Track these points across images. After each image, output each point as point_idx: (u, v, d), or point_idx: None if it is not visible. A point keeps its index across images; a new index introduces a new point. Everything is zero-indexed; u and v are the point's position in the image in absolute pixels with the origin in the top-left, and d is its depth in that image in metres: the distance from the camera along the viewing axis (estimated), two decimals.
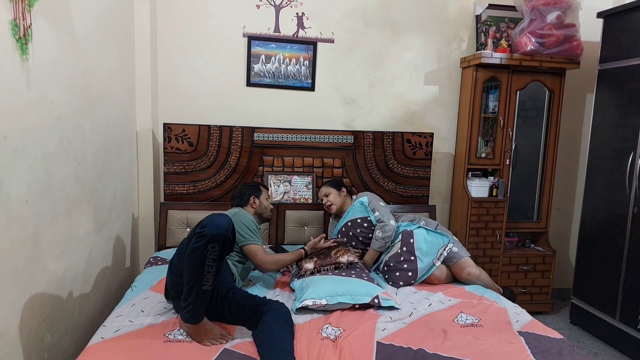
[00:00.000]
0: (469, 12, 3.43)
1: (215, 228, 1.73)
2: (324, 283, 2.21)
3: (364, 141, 3.26)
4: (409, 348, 1.78)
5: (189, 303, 1.74)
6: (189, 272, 1.74)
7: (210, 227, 1.73)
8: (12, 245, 1.59)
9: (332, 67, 3.33)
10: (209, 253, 1.72)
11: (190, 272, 1.74)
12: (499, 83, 3.26)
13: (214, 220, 1.77)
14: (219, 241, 1.73)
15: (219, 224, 1.75)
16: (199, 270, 1.72)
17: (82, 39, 2.13)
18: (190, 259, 1.74)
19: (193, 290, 1.73)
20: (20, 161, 1.62)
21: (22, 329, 1.67)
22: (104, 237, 2.50)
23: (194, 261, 1.73)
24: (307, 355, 1.71)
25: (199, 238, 1.73)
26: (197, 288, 1.72)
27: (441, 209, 3.56)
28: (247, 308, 1.90)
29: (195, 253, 1.72)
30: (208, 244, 1.71)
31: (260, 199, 2.52)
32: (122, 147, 2.76)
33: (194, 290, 1.73)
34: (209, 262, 1.72)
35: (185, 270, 1.76)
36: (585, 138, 3.56)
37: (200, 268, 1.72)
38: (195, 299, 1.73)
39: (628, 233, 2.84)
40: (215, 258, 1.74)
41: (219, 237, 1.73)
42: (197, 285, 1.72)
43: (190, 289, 1.74)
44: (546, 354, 1.77)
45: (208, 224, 1.74)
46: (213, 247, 1.72)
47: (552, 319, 3.39)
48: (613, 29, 2.97)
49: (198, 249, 1.71)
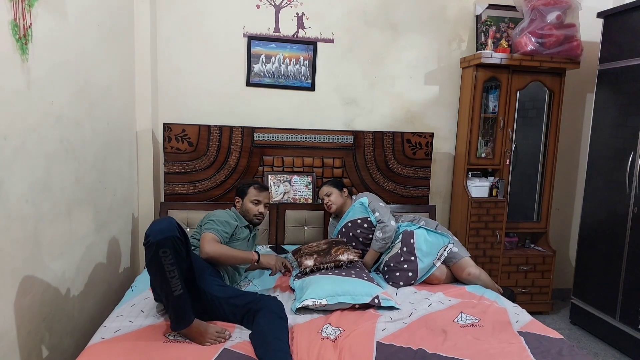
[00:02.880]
0: (469, 12, 3.43)
1: (159, 233, 1.70)
2: (324, 283, 2.22)
3: (364, 141, 3.26)
4: (409, 348, 1.78)
5: (170, 310, 1.75)
6: (156, 283, 1.75)
7: (153, 234, 1.70)
8: (12, 245, 1.59)
9: (332, 67, 3.33)
10: (163, 259, 1.68)
11: (157, 282, 1.75)
12: (499, 83, 3.26)
13: (155, 227, 1.73)
14: (167, 244, 1.69)
15: (161, 228, 1.72)
16: (163, 279, 1.70)
17: (82, 39, 2.14)
18: (150, 270, 1.75)
19: (168, 299, 1.73)
20: (20, 161, 1.62)
21: (22, 329, 1.67)
22: (104, 237, 2.50)
23: (154, 272, 1.73)
24: (307, 355, 1.71)
25: (147, 248, 1.70)
26: (170, 295, 1.72)
27: (441, 209, 3.56)
28: (239, 307, 1.91)
29: (152, 265, 1.71)
30: (158, 251, 1.68)
31: (243, 200, 2.46)
32: (122, 147, 2.76)
33: (169, 299, 1.73)
34: (167, 267, 1.69)
35: (152, 281, 1.77)
36: (585, 138, 3.56)
37: (163, 276, 1.70)
38: (173, 305, 1.73)
39: (628, 233, 2.84)
40: (172, 262, 1.70)
41: (165, 241, 1.69)
42: (169, 293, 1.71)
43: (165, 299, 1.74)
44: (546, 354, 1.77)
45: (150, 233, 1.71)
46: (164, 252, 1.68)
47: (552, 319, 3.39)
48: (613, 29, 2.97)
49: (152, 260, 1.70)
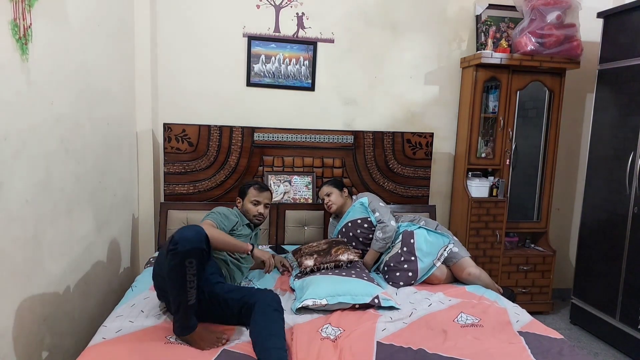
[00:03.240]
0: (469, 12, 3.43)
1: (188, 243, 1.66)
2: (324, 283, 2.21)
3: (364, 141, 3.26)
4: (409, 348, 1.78)
5: (179, 316, 1.73)
6: (172, 289, 1.71)
7: (183, 243, 1.66)
8: (12, 245, 1.59)
9: (332, 67, 3.32)
10: (188, 269, 1.66)
11: (172, 288, 1.71)
12: (499, 83, 3.26)
13: (185, 235, 1.69)
14: (195, 255, 1.68)
15: (191, 238, 1.68)
16: (181, 288, 1.68)
17: (82, 39, 2.14)
18: (170, 276, 1.69)
19: (180, 306, 1.71)
20: (20, 161, 1.62)
21: (22, 330, 1.67)
22: (104, 238, 2.50)
23: (174, 279, 1.68)
24: (307, 355, 1.70)
25: (173, 256, 1.66)
26: (183, 304, 1.70)
27: (441, 209, 3.56)
28: (236, 300, 1.87)
29: (174, 272, 1.67)
30: (184, 260, 1.65)
31: (244, 201, 2.47)
32: (122, 147, 2.76)
33: (181, 307, 1.71)
34: (189, 277, 1.67)
35: (168, 286, 1.73)
36: (585, 138, 3.56)
37: (182, 285, 1.67)
38: (183, 313, 1.72)
39: (628, 233, 2.84)
40: (195, 272, 1.68)
41: (193, 252, 1.67)
42: (182, 301, 1.69)
43: (177, 305, 1.72)
44: (546, 354, 1.77)
45: (180, 240, 1.67)
46: (190, 262, 1.66)
47: (552, 319, 3.39)
48: (613, 29, 2.97)
49: (175, 267, 1.66)
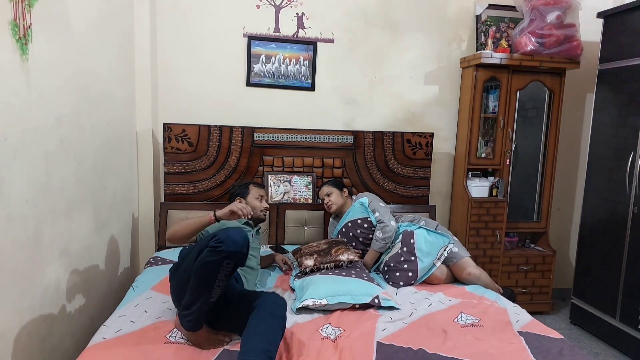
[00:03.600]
0: (469, 12, 3.43)
1: (233, 245, 1.65)
2: (324, 283, 2.22)
3: (364, 141, 3.26)
4: (409, 348, 1.78)
5: (193, 312, 1.70)
6: (198, 283, 1.68)
7: (228, 243, 1.65)
8: (13, 245, 1.59)
9: (332, 67, 3.32)
10: (223, 269, 1.66)
11: (199, 284, 1.68)
12: (499, 83, 3.26)
13: (232, 237, 1.67)
14: (235, 258, 1.67)
15: (237, 241, 1.67)
16: (209, 284, 1.67)
17: (82, 39, 2.13)
18: (202, 270, 1.67)
19: (198, 301, 1.69)
20: (20, 161, 1.62)
21: (22, 330, 1.67)
22: (104, 237, 2.50)
23: (205, 274, 1.67)
24: (307, 355, 1.71)
25: (214, 252, 1.64)
26: (204, 300, 1.68)
27: (441, 209, 3.56)
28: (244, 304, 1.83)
29: (208, 267, 1.66)
30: (223, 260, 1.64)
31: (247, 198, 2.46)
32: (122, 147, 2.76)
33: (199, 301, 1.69)
34: (221, 277, 1.67)
35: (193, 280, 1.69)
36: (585, 138, 3.56)
37: (211, 282, 1.67)
38: (199, 309, 1.70)
39: (628, 233, 2.84)
40: (228, 274, 1.69)
41: (235, 255, 1.66)
42: (205, 297, 1.68)
43: (195, 299, 1.69)
44: (546, 354, 1.77)
45: (226, 240, 1.65)
46: (228, 263, 1.66)
47: (552, 319, 3.39)
48: (613, 29, 2.97)
49: (212, 263, 1.65)
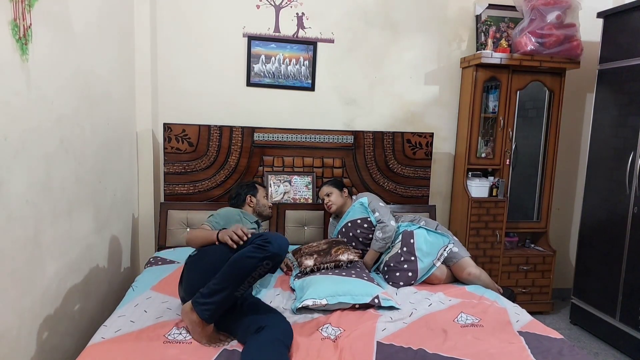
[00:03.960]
0: (469, 12, 3.43)
1: (279, 248, 1.76)
2: (324, 283, 2.22)
3: (364, 141, 3.26)
4: (409, 348, 1.78)
5: (213, 302, 1.72)
6: (230, 274, 1.74)
7: (275, 245, 1.75)
8: (13, 245, 1.59)
9: (332, 67, 3.32)
10: (261, 267, 1.74)
11: (232, 274, 1.74)
12: (499, 83, 3.26)
13: (279, 240, 1.79)
14: (275, 260, 1.77)
15: (282, 245, 1.79)
16: (241, 277, 1.73)
17: (82, 39, 2.13)
18: (240, 263, 1.74)
19: (224, 291, 1.72)
20: (20, 161, 1.62)
21: (22, 329, 1.67)
22: (104, 238, 2.50)
23: (242, 266, 1.73)
24: (307, 355, 1.70)
25: (259, 249, 1.73)
26: (229, 292, 1.72)
27: (441, 209, 3.56)
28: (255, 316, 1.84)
29: (248, 261, 1.73)
30: (265, 259, 1.73)
31: (257, 197, 2.50)
32: (122, 147, 2.76)
33: (224, 292, 1.72)
34: (255, 274, 1.74)
35: (227, 269, 1.74)
36: (585, 138, 3.56)
37: (244, 276, 1.73)
38: (222, 300, 1.73)
39: (628, 233, 2.84)
40: (262, 273, 1.77)
41: (276, 257, 1.76)
42: (231, 290, 1.72)
43: (222, 288, 1.73)
44: (546, 354, 1.77)
45: (273, 242, 1.76)
46: (267, 264, 1.75)
47: (552, 319, 3.39)
48: (613, 29, 2.97)
49: (253, 258, 1.72)
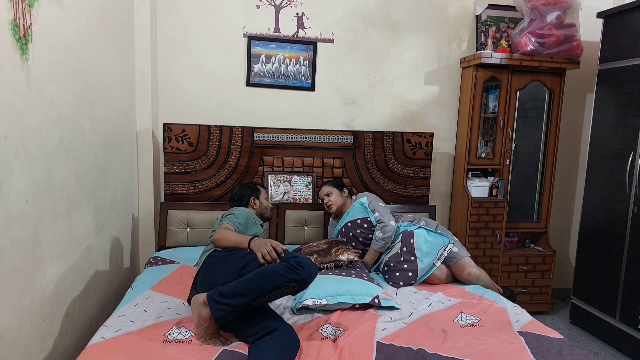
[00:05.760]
0: (469, 12, 3.43)
1: (308, 275, 1.78)
2: (324, 283, 2.21)
3: (364, 141, 3.26)
4: (409, 348, 1.78)
5: (229, 304, 1.73)
6: (255, 282, 1.74)
7: (307, 271, 1.77)
8: (12, 245, 1.59)
9: (332, 67, 3.32)
10: (286, 287, 1.75)
11: (257, 284, 1.74)
12: (499, 83, 3.26)
13: (312, 268, 1.81)
14: (302, 286, 1.79)
15: (312, 274, 1.80)
16: (265, 289, 1.73)
17: (82, 39, 2.13)
18: (268, 276, 1.75)
19: (242, 297, 1.72)
20: (20, 161, 1.62)
21: (22, 329, 1.67)
22: (104, 237, 2.50)
23: (270, 280, 1.74)
24: (307, 355, 1.71)
25: (291, 270, 1.75)
26: (249, 299, 1.73)
27: (441, 209, 3.56)
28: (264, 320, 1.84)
29: (277, 277, 1.74)
30: (293, 281, 1.74)
31: (260, 199, 2.50)
32: (122, 147, 2.76)
33: (242, 298, 1.72)
34: (278, 291, 1.75)
35: (254, 277, 1.76)
36: (585, 138, 3.56)
37: (269, 290, 1.74)
38: (238, 305, 1.73)
39: (628, 233, 2.83)
40: (285, 293, 1.78)
41: (304, 283, 1.78)
42: (250, 298, 1.73)
43: (241, 293, 1.73)
44: (546, 354, 1.77)
45: (306, 267, 1.78)
46: (294, 286, 1.76)
47: (552, 319, 3.39)
48: (613, 29, 2.97)
49: (283, 277, 1.74)
